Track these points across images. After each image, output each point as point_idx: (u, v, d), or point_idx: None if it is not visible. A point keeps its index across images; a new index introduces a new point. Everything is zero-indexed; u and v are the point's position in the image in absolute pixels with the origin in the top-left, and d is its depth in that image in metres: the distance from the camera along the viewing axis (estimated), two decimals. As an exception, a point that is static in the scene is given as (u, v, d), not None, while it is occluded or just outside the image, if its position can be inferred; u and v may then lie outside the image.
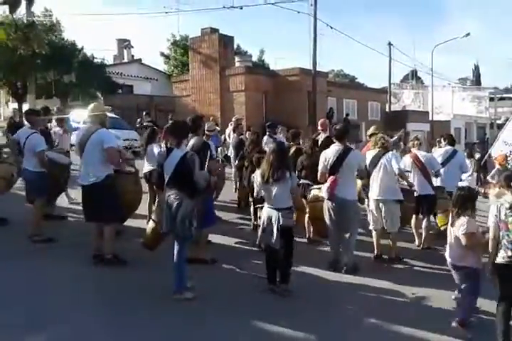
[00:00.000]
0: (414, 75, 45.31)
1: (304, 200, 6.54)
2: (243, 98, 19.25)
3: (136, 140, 14.55)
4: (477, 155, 14.69)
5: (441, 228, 7.01)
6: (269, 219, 4.81)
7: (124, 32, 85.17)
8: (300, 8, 39.55)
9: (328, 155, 5.74)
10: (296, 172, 6.57)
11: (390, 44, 27.61)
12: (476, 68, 62.70)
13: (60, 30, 23.32)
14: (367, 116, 26.82)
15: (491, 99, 42.31)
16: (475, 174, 12.62)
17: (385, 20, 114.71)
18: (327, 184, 5.59)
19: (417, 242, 6.98)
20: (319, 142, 7.46)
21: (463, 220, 4.05)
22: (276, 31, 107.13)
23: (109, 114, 6.56)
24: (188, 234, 4.57)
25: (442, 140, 8.26)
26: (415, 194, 6.61)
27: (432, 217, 7.02)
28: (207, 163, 5.14)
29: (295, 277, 5.02)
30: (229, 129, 11.34)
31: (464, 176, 8.12)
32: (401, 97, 39.99)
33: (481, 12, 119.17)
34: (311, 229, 6.74)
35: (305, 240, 6.77)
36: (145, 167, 7.40)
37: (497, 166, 9.01)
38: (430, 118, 30.43)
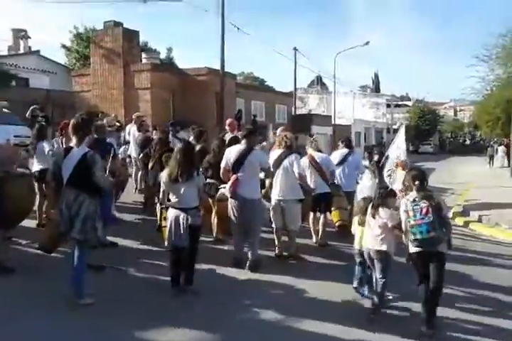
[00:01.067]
0: (319, 81, 47.25)
1: (210, 200, 6.44)
2: (149, 96, 18.63)
3: (28, 137, 13.47)
4: (376, 157, 15.49)
5: (336, 223, 7.25)
6: (177, 219, 4.70)
7: (20, 22, 79.06)
8: (208, 7, 39.41)
9: (230, 153, 5.78)
10: (202, 171, 6.44)
11: (295, 49, 28.41)
12: (376, 76, 67.05)
13: None
14: (274, 118, 27.41)
15: (388, 106, 45.42)
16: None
17: (292, 26, 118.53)
18: (229, 183, 5.64)
19: (314, 239, 7.11)
20: (226, 141, 7.42)
21: (388, 212, 4.50)
22: (185, 30, 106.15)
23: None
24: (90, 237, 4.33)
25: (340, 143, 8.57)
26: (312, 193, 6.73)
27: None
28: (108, 162, 4.95)
29: (198, 275, 4.94)
30: (129, 127, 10.82)
31: (365, 180, 8.49)
32: (307, 101, 41.50)
33: (381, 23, 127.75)
34: (217, 228, 6.67)
35: (211, 239, 6.68)
36: (35, 165, 6.90)
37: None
38: (333, 122, 31.82)
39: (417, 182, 4.31)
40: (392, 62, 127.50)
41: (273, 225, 6.32)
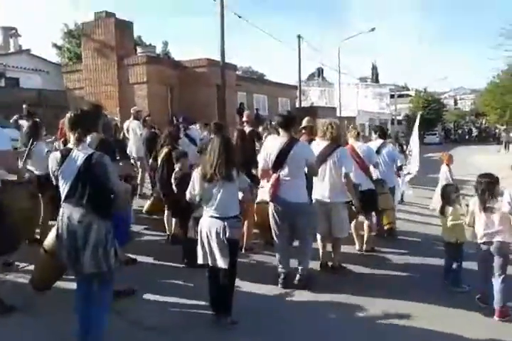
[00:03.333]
0: (320, 73, 46.08)
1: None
2: (145, 91, 17.37)
3: (17, 140, 12.31)
4: (404, 147, 15.23)
5: (386, 227, 6.15)
6: (211, 231, 3.75)
7: (10, 20, 76.66)
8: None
9: (269, 149, 4.64)
10: None
11: (299, 37, 27.03)
12: (374, 68, 65.79)
13: None
14: (277, 111, 26.21)
15: (392, 96, 44.30)
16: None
17: (296, 16, 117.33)
18: (269, 184, 4.58)
19: (357, 246, 5.97)
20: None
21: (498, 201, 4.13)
22: (183, 25, 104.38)
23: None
24: (105, 266, 3.17)
25: (373, 133, 7.40)
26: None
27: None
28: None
29: (240, 299, 3.93)
30: (126, 123, 9.60)
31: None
32: (309, 94, 40.40)
33: (382, 13, 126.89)
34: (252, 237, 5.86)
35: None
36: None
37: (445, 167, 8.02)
38: (338, 114, 30.70)
39: None
40: (389, 53, 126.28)
41: (315, 232, 5.15)
